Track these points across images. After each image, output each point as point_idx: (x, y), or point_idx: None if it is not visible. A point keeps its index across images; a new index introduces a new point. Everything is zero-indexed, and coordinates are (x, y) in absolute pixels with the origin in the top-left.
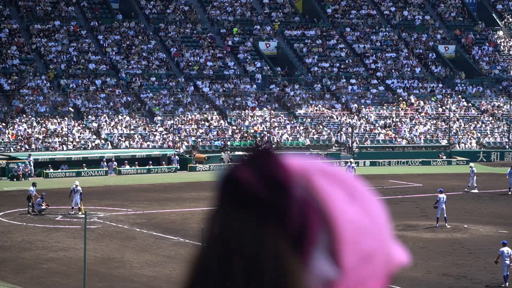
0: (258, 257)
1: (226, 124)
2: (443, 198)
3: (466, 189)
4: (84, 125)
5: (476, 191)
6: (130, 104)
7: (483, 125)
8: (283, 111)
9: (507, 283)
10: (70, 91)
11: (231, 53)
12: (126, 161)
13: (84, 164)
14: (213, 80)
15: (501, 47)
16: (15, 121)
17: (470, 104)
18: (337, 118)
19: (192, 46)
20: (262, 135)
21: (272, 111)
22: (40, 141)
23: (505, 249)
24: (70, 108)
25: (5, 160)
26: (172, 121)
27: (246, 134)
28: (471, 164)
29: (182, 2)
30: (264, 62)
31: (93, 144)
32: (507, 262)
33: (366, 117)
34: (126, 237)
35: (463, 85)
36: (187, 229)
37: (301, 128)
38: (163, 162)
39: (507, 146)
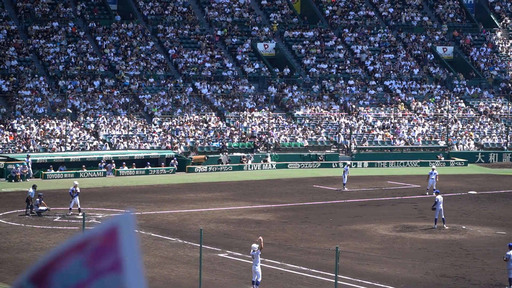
0: None
1: (225, 125)
2: (436, 199)
3: (427, 192)
4: (82, 126)
5: (428, 194)
6: (129, 105)
7: (481, 126)
8: (281, 112)
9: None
10: (68, 92)
11: (230, 54)
12: (124, 162)
13: (83, 166)
14: (212, 81)
15: (499, 48)
16: (13, 122)
17: (468, 105)
18: (335, 119)
19: (190, 47)
20: (260, 136)
21: (270, 112)
22: (38, 142)
23: None
24: (69, 110)
25: (3, 161)
26: (170, 122)
27: (244, 135)
28: (433, 166)
29: (180, 3)
30: (262, 63)
31: (91, 145)
32: None
33: (364, 118)
34: None
35: (461, 86)
36: (185, 230)
37: (299, 129)
38: (162, 164)
39: (505, 147)
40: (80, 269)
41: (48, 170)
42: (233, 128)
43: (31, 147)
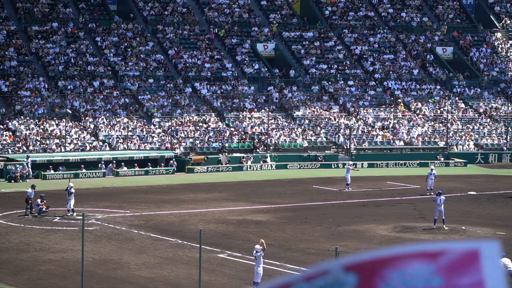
0: None
1: (224, 126)
2: (439, 199)
3: (427, 192)
4: (82, 127)
5: (428, 194)
6: (128, 105)
7: (481, 127)
8: (280, 112)
9: None
10: (68, 93)
11: (229, 55)
12: (123, 163)
13: (82, 166)
14: (211, 82)
15: (499, 49)
16: (8, 122)
17: (468, 106)
18: (335, 120)
19: (190, 47)
20: (259, 136)
21: (270, 113)
22: (38, 142)
23: (505, 260)
24: (68, 110)
25: (2, 161)
26: (170, 123)
27: (244, 136)
28: (432, 166)
29: (180, 3)
30: (262, 63)
31: (91, 146)
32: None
33: (364, 118)
34: (124, 238)
35: (461, 87)
36: (185, 231)
37: (299, 129)
38: (161, 164)
39: (505, 148)
40: (431, 276)
41: (48, 170)
42: (232, 129)
43: (31, 148)
